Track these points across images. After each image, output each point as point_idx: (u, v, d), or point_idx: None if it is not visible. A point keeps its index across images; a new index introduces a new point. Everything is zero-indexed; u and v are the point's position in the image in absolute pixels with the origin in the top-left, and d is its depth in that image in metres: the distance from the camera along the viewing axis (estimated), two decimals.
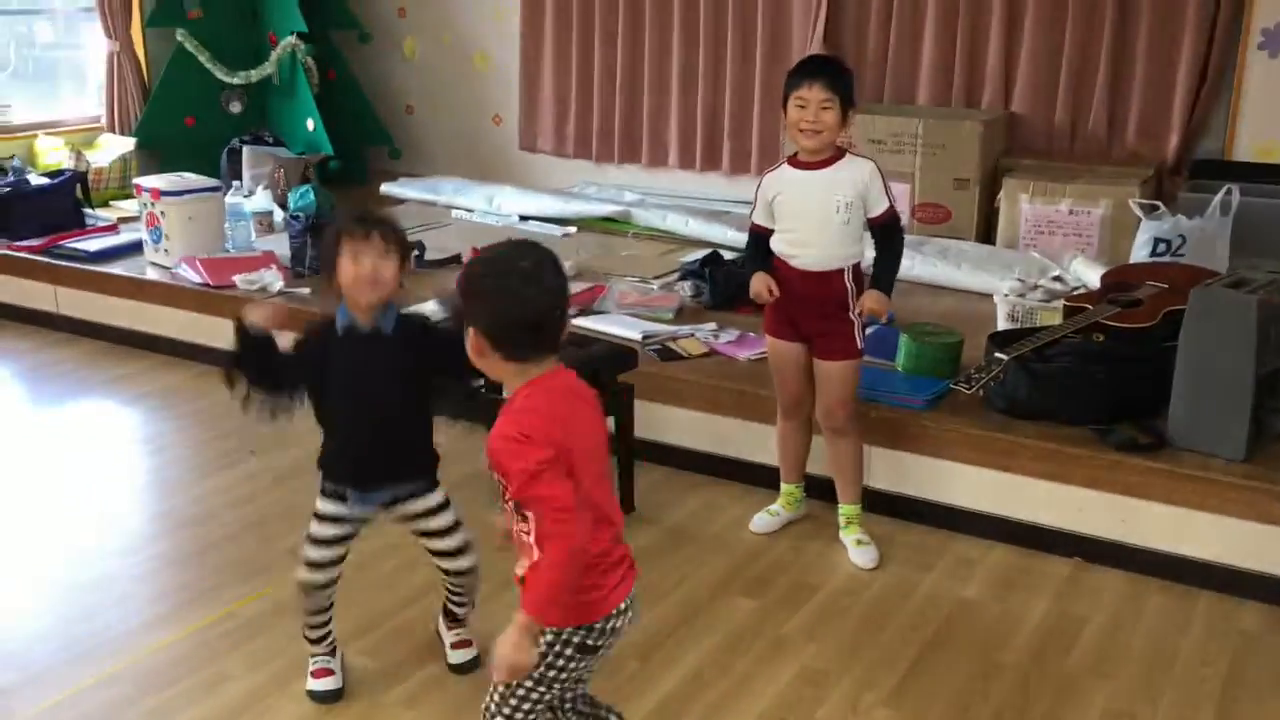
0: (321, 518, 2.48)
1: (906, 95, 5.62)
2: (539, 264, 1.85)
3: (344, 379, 2.37)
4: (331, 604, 2.55)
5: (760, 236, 3.05)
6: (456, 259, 4.98)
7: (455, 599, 2.63)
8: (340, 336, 2.37)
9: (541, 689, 1.93)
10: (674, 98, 6.17)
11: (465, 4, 6.75)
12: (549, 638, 1.89)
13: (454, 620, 2.67)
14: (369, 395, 2.37)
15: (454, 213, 5.94)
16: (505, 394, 1.89)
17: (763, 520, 3.31)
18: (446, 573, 2.57)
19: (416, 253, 4.93)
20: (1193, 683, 2.62)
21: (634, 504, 3.40)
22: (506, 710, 1.95)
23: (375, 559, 3.05)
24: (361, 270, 2.28)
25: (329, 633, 2.58)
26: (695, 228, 5.43)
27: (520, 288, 1.81)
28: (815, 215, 2.93)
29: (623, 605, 1.93)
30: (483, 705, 2.00)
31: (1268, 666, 2.68)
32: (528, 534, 1.83)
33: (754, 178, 3.15)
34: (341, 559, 2.51)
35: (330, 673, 2.57)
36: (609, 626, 1.92)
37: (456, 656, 2.65)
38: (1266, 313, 2.94)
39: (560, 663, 1.91)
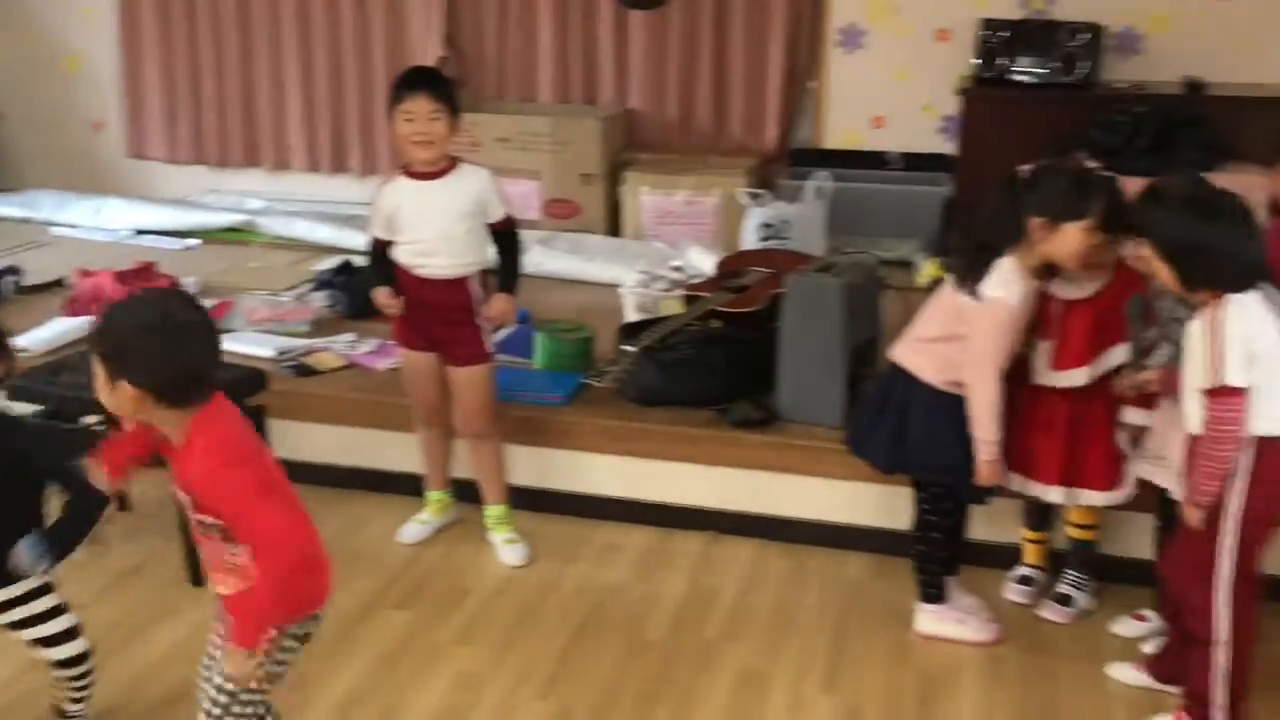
0: None
1: (529, 93, 5.75)
2: (187, 311, 1.91)
3: None
4: None
5: (382, 249, 3.05)
6: (59, 282, 4.59)
7: (60, 691, 2.39)
8: None
9: (268, 686, 2.00)
10: (294, 97, 5.97)
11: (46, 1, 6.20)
12: (273, 634, 1.95)
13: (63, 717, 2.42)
14: None
15: (54, 230, 5.47)
16: (175, 437, 1.92)
17: (412, 530, 3.32)
18: (52, 663, 2.33)
19: (15, 279, 4.52)
20: (811, 632, 2.89)
21: None
22: (235, 714, 2.02)
23: None
24: None
25: None
26: (327, 234, 5.30)
27: (181, 341, 1.86)
28: (436, 225, 2.97)
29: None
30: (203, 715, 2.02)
31: (871, 607, 3.01)
32: (235, 557, 1.92)
33: (386, 179, 3.13)
34: None
35: None
36: (322, 612, 2.06)
37: None
38: (850, 293, 3.28)
39: (285, 656, 2.02)
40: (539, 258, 4.93)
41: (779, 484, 3.33)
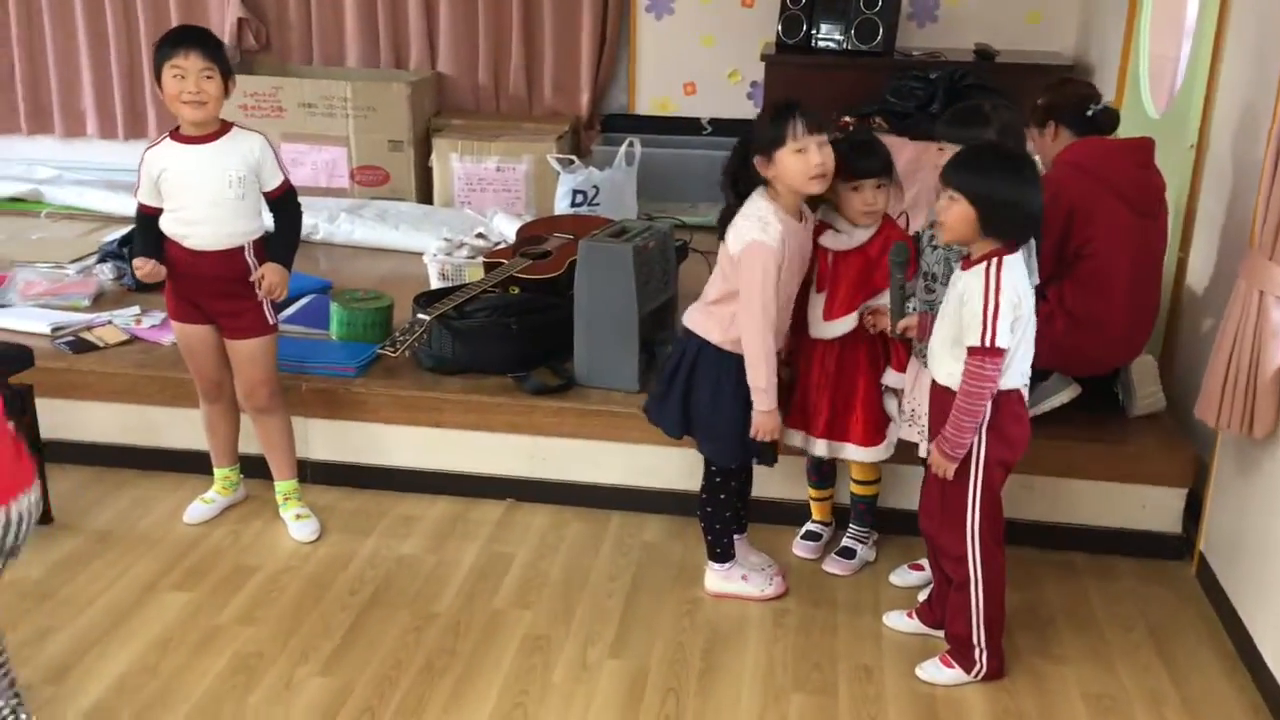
0: None
1: (336, 57, 5.59)
2: None
3: None
4: None
5: (148, 216, 2.91)
6: None
7: None
8: None
9: None
10: (85, 61, 5.67)
11: None
12: None
13: None
14: None
15: None
16: None
17: (198, 510, 3.20)
18: None
19: None
20: (601, 596, 2.91)
21: (50, 514, 3.14)
22: None
23: None
24: None
25: None
26: (118, 203, 5.06)
27: None
28: (206, 191, 2.85)
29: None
30: None
31: (665, 570, 3.04)
32: None
33: (153, 141, 2.99)
34: None
35: None
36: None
37: None
38: (642, 258, 3.29)
39: None
40: (347, 226, 4.82)
41: (578, 450, 3.33)
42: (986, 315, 2.31)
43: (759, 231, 2.57)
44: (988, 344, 2.31)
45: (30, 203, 5.17)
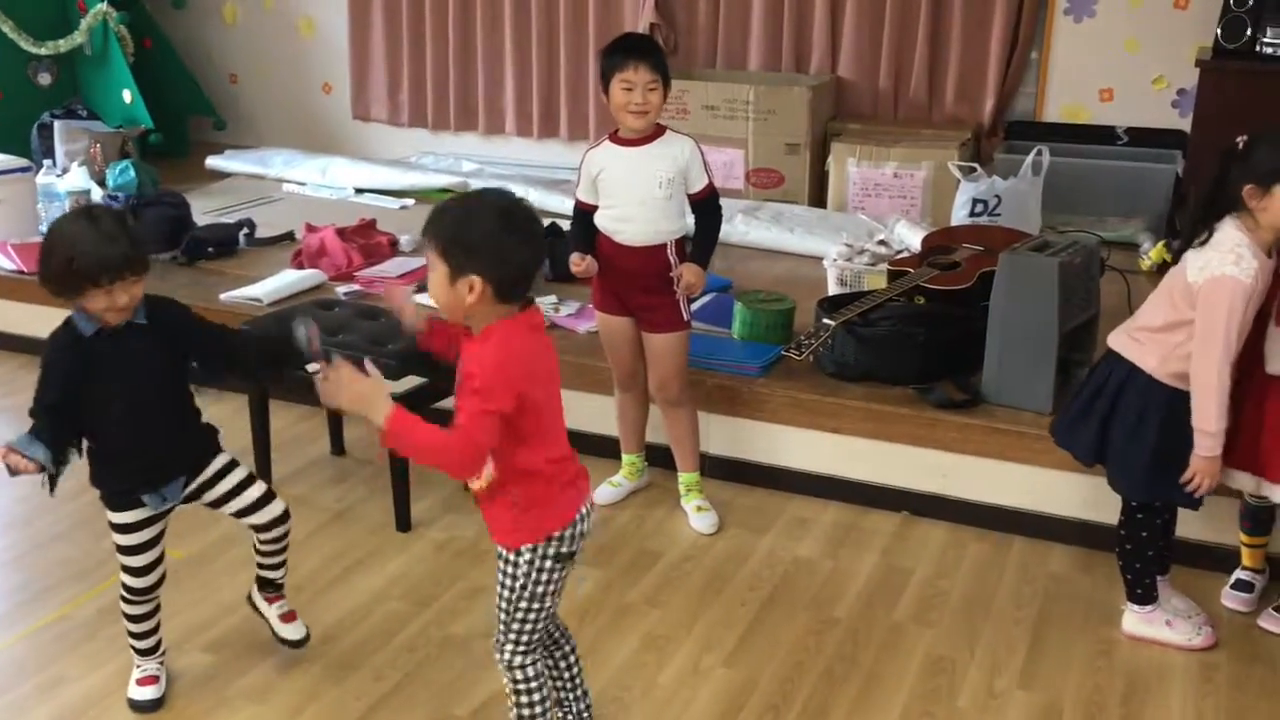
0: (121, 528, 2.39)
1: (739, 61, 5.71)
2: (528, 211, 1.99)
3: (108, 382, 2.25)
4: (159, 608, 2.50)
5: (585, 213, 3.09)
6: (289, 236, 4.87)
7: (267, 560, 2.56)
8: (91, 340, 2.25)
9: (537, 605, 2.10)
10: (509, 64, 6.11)
11: None
12: (527, 556, 2.07)
13: (271, 588, 2.61)
14: (139, 391, 2.28)
15: (285, 186, 5.78)
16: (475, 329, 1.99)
17: (606, 491, 3.37)
18: (257, 528, 2.49)
19: (249, 233, 4.80)
20: (1007, 624, 2.80)
21: None
22: (513, 635, 2.12)
23: (212, 550, 2.99)
24: (116, 302, 2.20)
25: (159, 640, 2.54)
26: (534, 197, 5.40)
27: (526, 236, 1.95)
28: (637, 191, 2.98)
29: (582, 512, 2.12)
30: (495, 643, 2.16)
31: (1074, 603, 2.88)
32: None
33: (594, 143, 3.16)
34: (161, 559, 2.45)
35: (155, 680, 2.51)
36: (575, 532, 2.10)
37: (289, 631, 2.61)
38: (1067, 274, 3.13)
39: (545, 575, 2.09)
40: (742, 227, 4.91)
41: (979, 468, 3.22)
42: None
43: (1232, 265, 2.38)
44: None
45: (457, 194, 5.64)
